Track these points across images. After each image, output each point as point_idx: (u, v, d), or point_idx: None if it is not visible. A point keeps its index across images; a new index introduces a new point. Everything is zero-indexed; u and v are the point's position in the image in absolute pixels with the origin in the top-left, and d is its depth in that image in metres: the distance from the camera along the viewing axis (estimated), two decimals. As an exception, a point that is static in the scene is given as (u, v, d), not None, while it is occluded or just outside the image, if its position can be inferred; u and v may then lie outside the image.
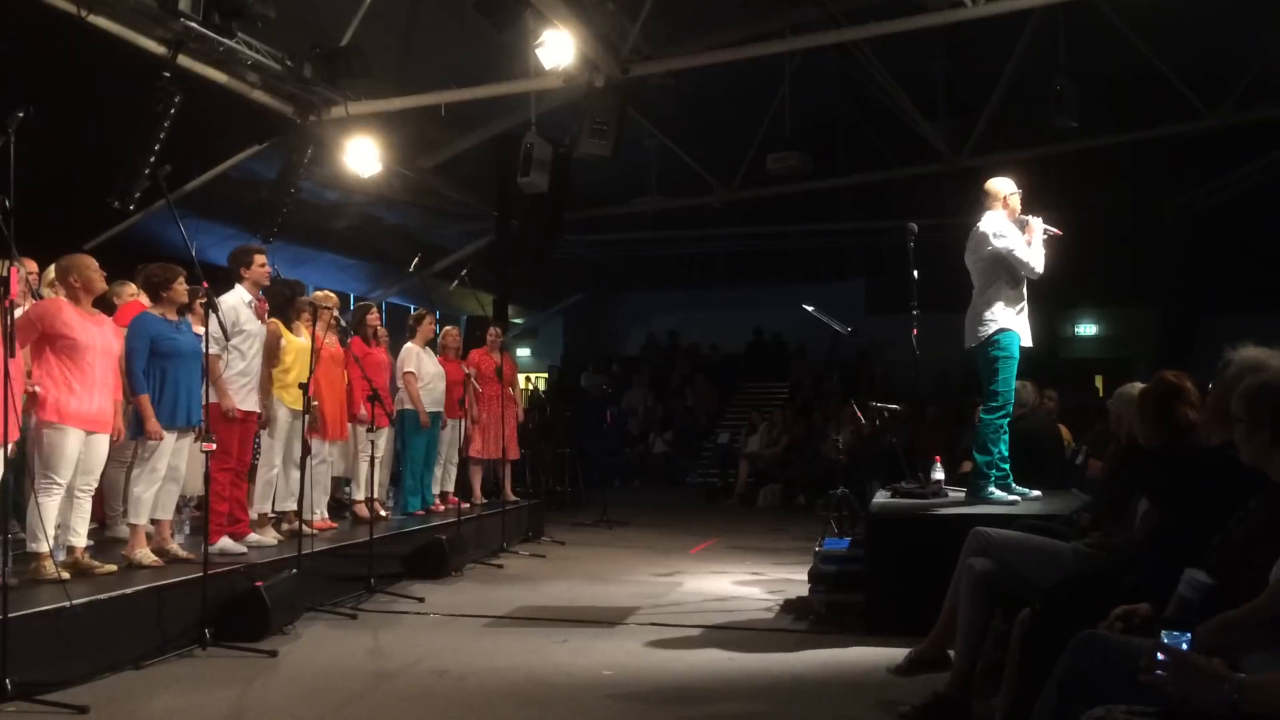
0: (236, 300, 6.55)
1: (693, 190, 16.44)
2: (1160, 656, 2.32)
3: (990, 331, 6.30)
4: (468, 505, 9.53)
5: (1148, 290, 17.94)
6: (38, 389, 5.29)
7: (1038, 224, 6.36)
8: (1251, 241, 16.37)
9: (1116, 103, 14.09)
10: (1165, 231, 17.36)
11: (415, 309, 11.48)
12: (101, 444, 5.65)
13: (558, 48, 9.64)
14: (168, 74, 8.74)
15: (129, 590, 5.22)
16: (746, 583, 7.86)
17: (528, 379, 16.70)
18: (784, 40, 11.42)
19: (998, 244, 6.27)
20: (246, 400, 6.62)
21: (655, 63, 10.79)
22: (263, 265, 6.80)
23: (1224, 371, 3.34)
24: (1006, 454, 6.42)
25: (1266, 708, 2.14)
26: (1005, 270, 6.32)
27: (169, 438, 5.93)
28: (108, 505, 6.80)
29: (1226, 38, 12.71)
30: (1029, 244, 6.31)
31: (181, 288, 6.10)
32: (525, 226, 15.01)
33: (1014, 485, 6.40)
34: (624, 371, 20.72)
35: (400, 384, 9.03)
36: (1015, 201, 6.41)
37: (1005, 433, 6.41)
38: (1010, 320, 6.31)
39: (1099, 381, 17.07)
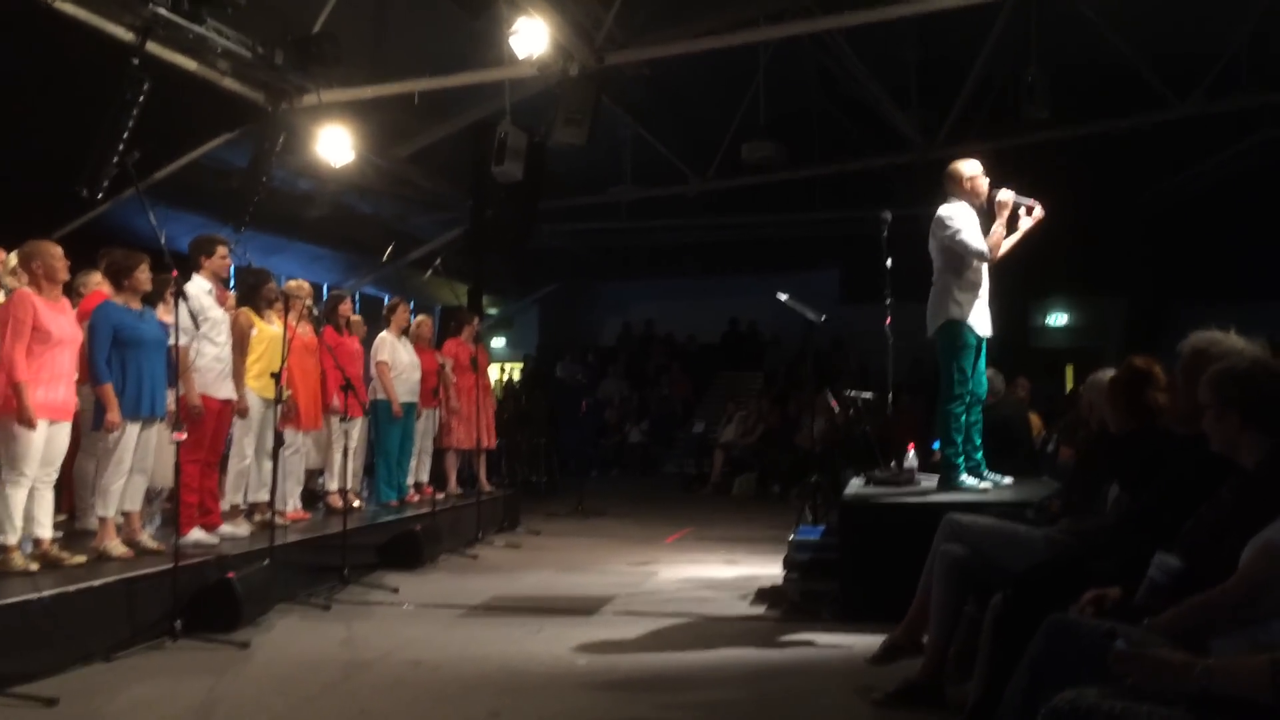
0: (197, 289, 6.47)
1: (668, 180, 16.41)
2: (1123, 653, 2.34)
3: (942, 321, 6.30)
4: (443, 495, 9.50)
5: (1118, 280, 18.08)
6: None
7: (1008, 196, 6.27)
8: (1220, 231, 16.54)
9: (1087, 93, 14.16)
10: (1135, 222, 17.50)
11: (390, 298, 11.42)
12: (63, 434, 5.60)
13: (532, 36, 9.58)
14: (137, 61, 8.63)
15: (98, 582, 5.17)
16: (721, 571, 7.89)
17: (502, 369, 16.65)
18: (758, 29, 11.39)
19: (943, 234, 6.25)
20: (223, 388, 6.57)
21: (630, 51, 10.75)
22: (224, 256, 6.74)
23: (1189, 360, 3.36)
24: (979, 442, 6.45)
25: (1235, 689, 2.16)
26: (957, 259, 6.28)
27: (132, 429, 5.87)
28: (77, 497, 6.73)
29: (1196, 29, 12.80)
30: (1002, 219, 6.28)
31: (145, 275, 6.03)
32: (500, 216, 14.93)
33: (986, 472, 6.44)
34: (599, 361, 20.71)
35: (374, 374, 8.99)
36: (980, 184, 6.36)
37: (976, 422, 6.42)
38: (963, 310, 6.27)
39: (1069, 370, 17.22)
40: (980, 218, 6.37)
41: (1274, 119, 14.31)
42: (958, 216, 6.25)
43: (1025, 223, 6.31)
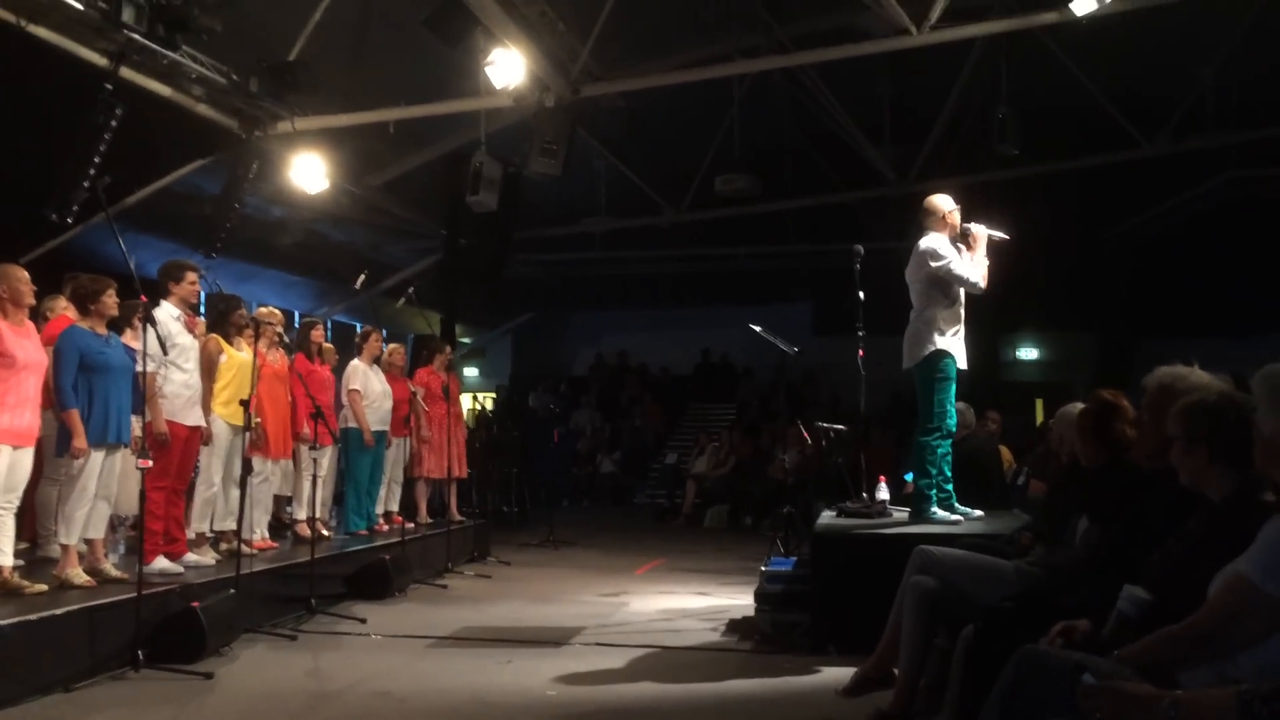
0: (165, 315, 6.40)
1: (642, 211, 16.50)
2: (1090, 687, 2.34)
3: (926, 353, 6.33)
4: (412, 525, 9.42)
5: (1087, 315, 18.31)
6: None
7: (981, 231, 6.37)
8: (1187, 268, 16.79)
9: (1057, 131, 14.39)
10: (1104, 258, 17.75)
11: (362, 327, 11.36)
12: (26, 460, 5.52)
13: (508, 67, 9.63)
14: (109, 86, 8.59)
15: (59, 610, 5.07)
16: (693, 603, 7.84)
17: (475, 398, 16.57)
18: (733, 64, 11.53)
19: (936, 264, 6.30)
20: (190, 414, 6.50)
21: (605, 83, 10.84)
22: (193, 282, 6.68)
23: (1154, 394, 3.40)
24: (950, 474, 6.47)
25: (1202, 721, 2.16)
26: (942, 291, 6.34)
27: (97, 455, 5.79)
28: (40, 524, 6.63)
29: (1163, 71, 13.05)
30: (973, 253, 6.36)
31: (111, 300, 5.97)
32: (474, 245, 14.93)
33: (957, 505, 6.46)
34: (572, 391, 20.67)
35: (345, 401, 8.93)
36: (955, 219, 6.44)
37: (947, 454, 6.45)
38: (947, 342, 6.32)
39: (1039, 404, 17.35)
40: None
41: (1238, 159, 14.59)
42: (945, 248, 6.32)
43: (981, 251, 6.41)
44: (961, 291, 6.39)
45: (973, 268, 6.32)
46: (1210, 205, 15.87)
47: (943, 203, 6.50)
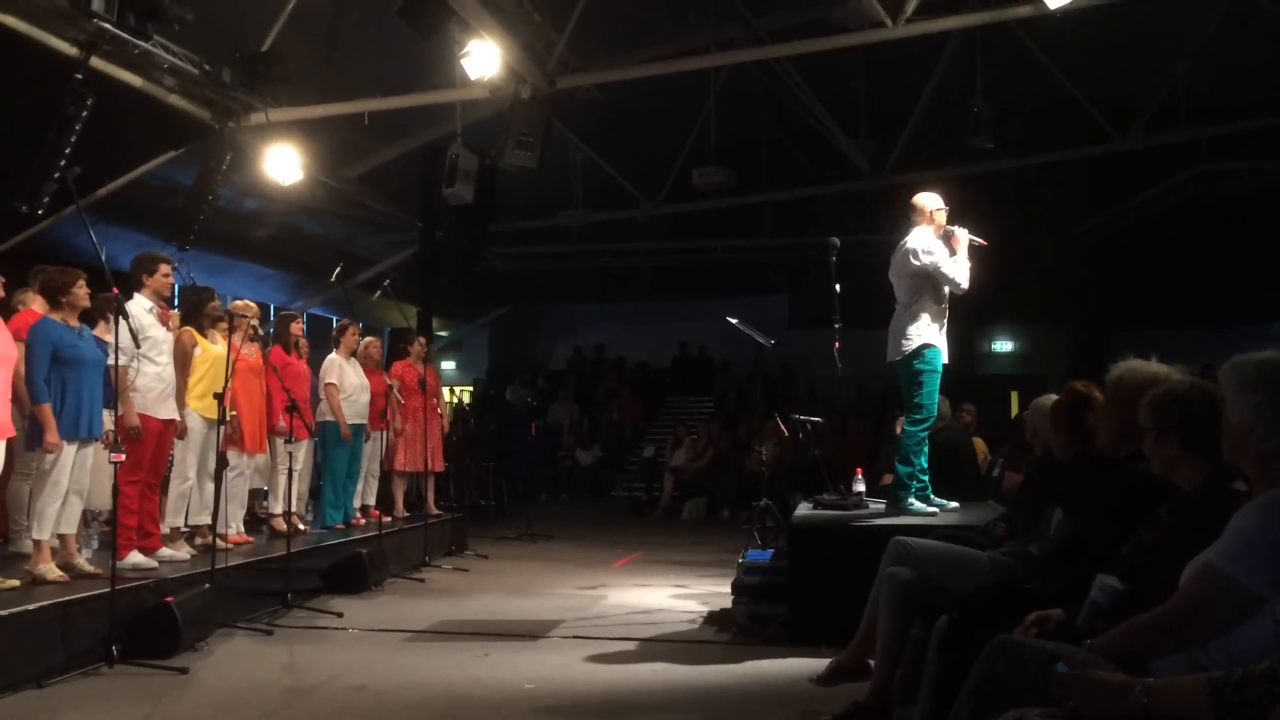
0: (138, 308, 6.34)
1: (618, 204, 16.47)
2: (1064, 676, 2.37)
3: (914, 346, 6.41)
4: (389, 519, 9.39)
5: (1061, 308, 18.44)
6: None
7: (963, 234, 6.47)
8: (1159, 261, 16.93)
9: (1031, 125, 14.48)
10: (1077, 251, 17.87)
11: (338, 320, 11.31)
12: (-2, 453, 5.46)
13: (483, 58, 9.57)
14: (80, 76, 8.49)
15: (31, 606, 5.03)
16: (670, 595, 7.86)
17: (452, 391, 16.51)
18: (709, 56, 11.51)
19: (925, 260, 6.37)
20: (164, 408, 6.45)
21: (582, 75, 10.80)
22: (166, 275, 6.62)
23: (1113, 387, 3.46)
24: (926, 466, 6.53)
25: (1174, 709, 2.18)
26: (930, 286, 6.43)
27: (70, 449, 5.74)
28: (11, 519, 6.58)
29: (1136, 65, 13.15)
30: (954, 256, 6.43)
31: (81, 291, 5.91)
32: (450, 238, 14.85)
33: (933, 497, 6.51)
34: (549, 385, 20.64)
35: (322, 395, 8.88)
36: (941, 217, 6.53)
37: (926, 445, 6.53)
38: (933, 335, 6.43)
39: (1014, 397, 17.46)
40: None
41: (1209, 153, 14.72)
42: (935, 249, 6.39)
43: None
44: (946, 288, 6.46)
45: (958, 268, 6.39)
46: (1181, 199, 16.00)
47: (929, 201, 6.57)
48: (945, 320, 6.53)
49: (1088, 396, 4.07)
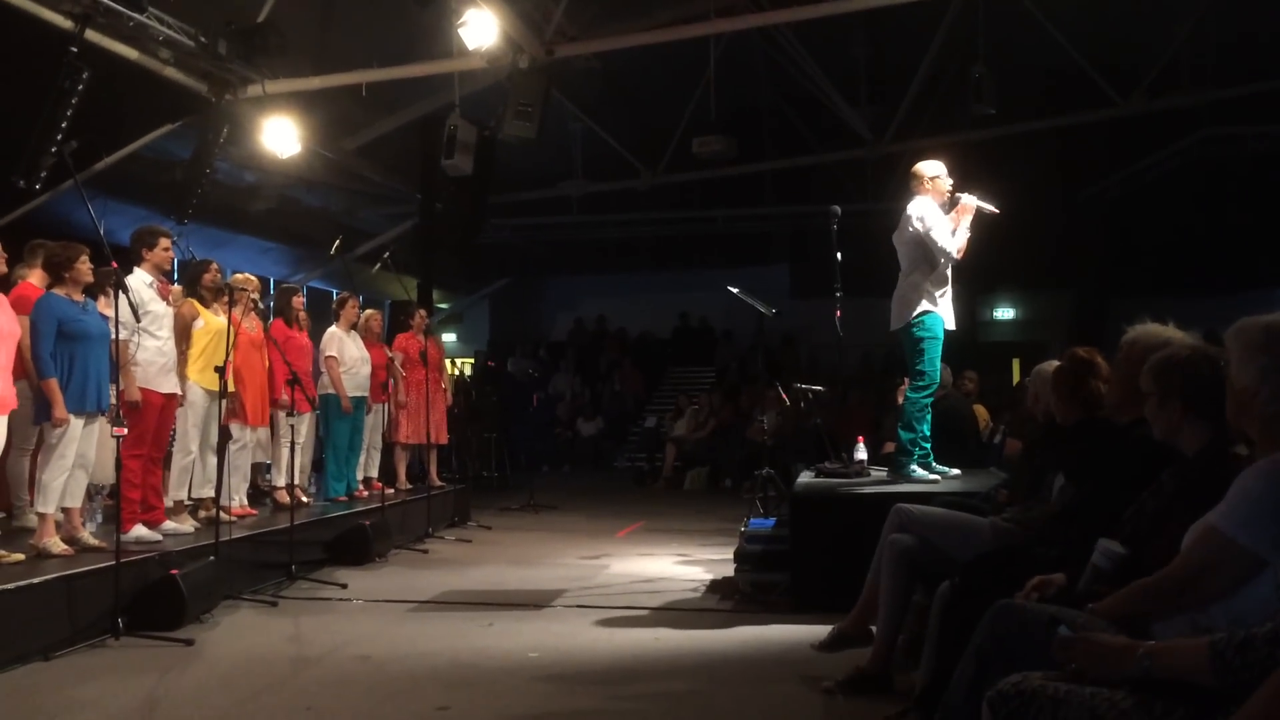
0: (138, 282, 6.33)
1: (618, 174, 16.40)
2: (1065, 639, 2.37)
3: (915, 313, 6.41)
4: (392, 491, 9.42)
5: (1063, 275, 18.38)
6: None
7: (971, 201, 6.43)
8: (1161, 227, 16.87)
9: (1033, 91, 14.38)
10: (1080, 217, 17.80)
11: (338, 293, 11.29)
12: (0, 427, 5.46)
13: (480, 27, 9.50)
14: (75, 49, 8.43)
15: (37, 579, 5.05)
16: (673, 564, 7.90)
17: (453, 363, 16.53)
18: (709, 23, 11.40)
19: (918, 227, 6.36)
20: (165, 382, 6.45)
21: (580, 44, 10.72)
22: (166, 249, 6.60)
23: (1125, 350, 3.45)
24: (929, 433, 6.53)
25: (1175, 671, 2.19)
26: (928, 254, 6.42)
27: (76, 423, 5.75)
28: (14, 494, 6.59)
29: (1138, 29, 13.04)
30: (957, 222, 6.40)
31: (85, 267, 5.90)
32: (449, 210, 14.82)
33: (934, 464, 6.52)
34: (550, 356, 20.64)
35: (323, 368, 8.88)
36: (942, 184, 6.49)
37: (929, 412, 6.53)
38: (935, 302, 6.42)
39: (1016, 364, 17.46)
40: None
41: (1212, 117, 14.63)
42: (931, 214, 6.37)
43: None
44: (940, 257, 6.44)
45: (951, 237, 6.35)
46: (1185, 163, 15.93)
47: (928, 168, 6.55)
48: (947, 287, 6.51)
49: (1090, 362, 4.06)
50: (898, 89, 14.30)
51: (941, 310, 6.46)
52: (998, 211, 6.50)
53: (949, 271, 6.51)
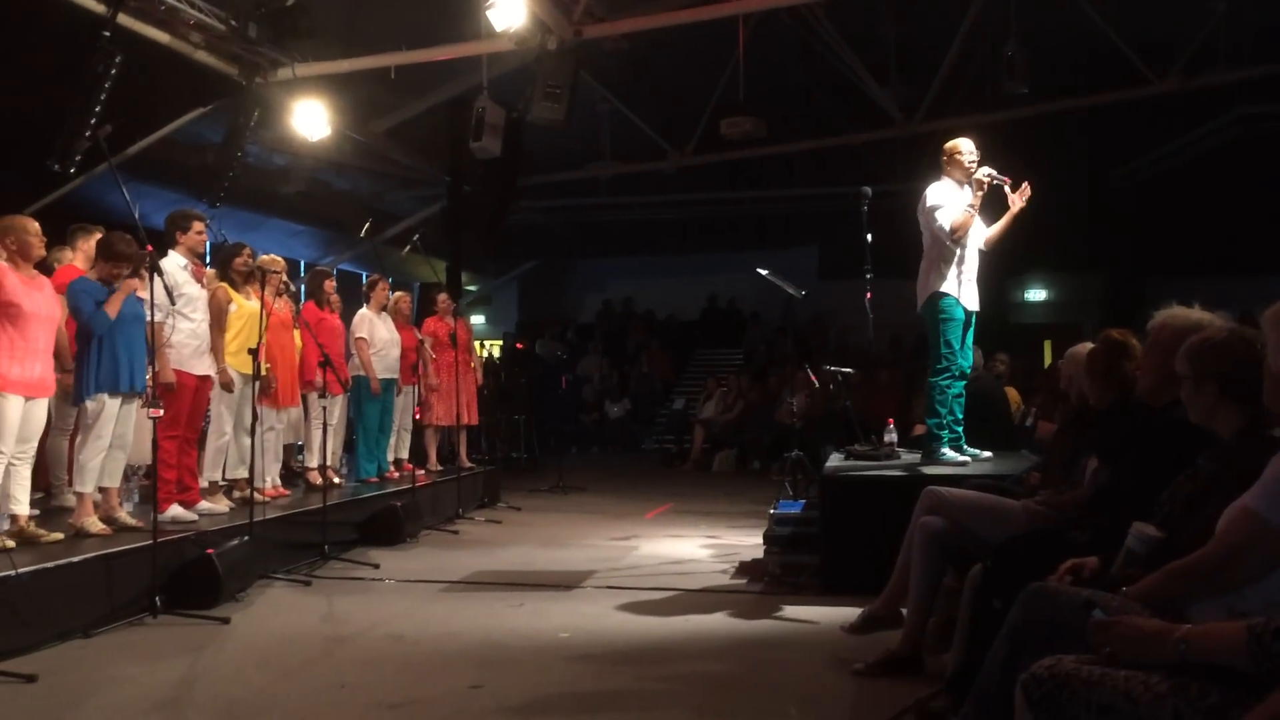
0: (172, 265, 6.41)
1: (646, 156, 16.33)
2: (1100, 622, 2.36)
3: (929, 294, 6.38)
4: (423, 472, 9.49)
5: (1096, 256, 18.18)
6: None
7: (984, 173, 6.36)
8: (1196, 207, 16.63)
9: (1066, 69, 14.19)
10: (1113, 198, 17.59)
11: (368, 275, 11.36)
12: (40, 410, 5.56)
13: (508, 9, 9.47)
14: (108, 33, 8.50)
15: (76, 558, 5.14)
16: (702, 546, 7.91)
17: (481, 345, 16.59)
18: (737, 2, 11.32)
19: (925, 207, 6.36)
20: (199, 364, 6.53)
21: (608, 24, 10.66)
22: (200, 233, 6.68)
23: (1155, 334, 3.42)
24: (960, 416, 6.50)
25: (1212, 655, 2.18)
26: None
27: (112, 404, 5.83)
28: (52, 474, 6.70)
29: (1173, 6, 12.83)
30: (976, 202, 6.33)
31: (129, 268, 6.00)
32: (478, 192, 14.84)
33: (966, 447, 6.49)
34: (579, 338, 20.67)
35: (354, 350, 8.95)
36: (963, 160, 6.42)
37: (959, 395, 6.48)
38: (949, 283, 6.35)
39: (1047, 346, 17.32)
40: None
41: (1249, 95, 14.39)
42: (939, 194, 6.33)
43: (1015, 203, 6.37)
44: (969, 235, 6.37)
45: (956, 219, 6.27)
46: (1220, 143, 15.69)
47: (952, 145, 6.50)
48: (967, 268, 6.42)
49: (1124, 344, 4.03)
50: (928, 68, 14.14)
51: (958, 291, 6.37)
52: (1009, 181, 6.42)
53: (967, 252, 6.42)
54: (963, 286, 6.40)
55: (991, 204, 6.54)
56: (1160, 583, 2.61)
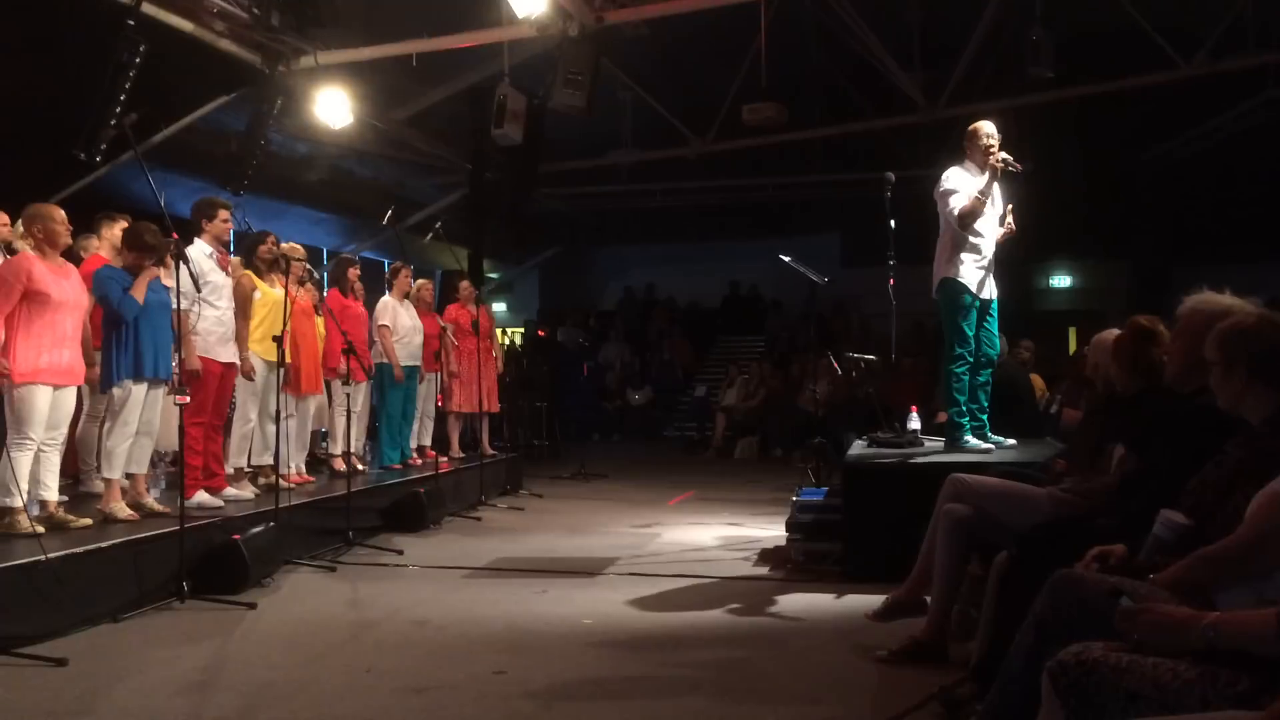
0: (198, 253, 6.46)
1: (668, 143, 16.30)
2: (1128, 610, 2.35)
3: (937, 281, 6.37)
4: (445, 459, 9.52)
5: (1121, 242, 18.02)
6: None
7: (999, 159, 6.31)
8: (1223, 193, 16.47)
9: (1092, 54, 14.04)
10: (1138, 183, 17.42)
11: (390, 263, 11.39)
12: (69, 398, 5.62)
13: (530, -5, 9.47)
14: (132, 22, 8.54)
15: (105, 544, 5.20)
16: (724, 533, 7.92)
17: (503, 332, 16.63)
18: (759, -13, 11.27)
19: (937, 193, 6.33)
20: (224, 351, 6.57)
21: (630, 11, 10.63)
22: (225, 220, 6.71)
23: (1184, 320, 3.38)
24: (985, 403, 6.46)
25: (1242, 642, 2.17)
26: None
27: (139, 390, 5.87)
28: (81, 460, 6.76)
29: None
30: (989, 185, 6.27)
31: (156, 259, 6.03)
32: (499, 179, 14.85)
33: (990, 434, 6.45)
34: (600, 325, 20.68)
35: (376, 337, 8.99)
36: (980, 143, 6.37)
37: (986, 383, 6.44)
38: (958, 270, 6.31)
39: (1072, 333, 17.20)
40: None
41: (1277, 78, 14.19)
42: (951, 179, 6.30)
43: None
44: (983, 220, 6.31)
45: (962, 203, 6.22)
46: (1248, 127, 15.49)
47: (976, 127, 6.44)
48: (981, 255, 6.36)
49: (1151, 331, 4.00)
50: (952, 52, 14.03)
51: (971, 278, 6.32)
52: (1019, 168, 6.35)
53: (983, 239, 6.37)
54: (975, 273, 6.34)
55: (1006, 191, 6.48)
56: (1188, 569, 2.59)
